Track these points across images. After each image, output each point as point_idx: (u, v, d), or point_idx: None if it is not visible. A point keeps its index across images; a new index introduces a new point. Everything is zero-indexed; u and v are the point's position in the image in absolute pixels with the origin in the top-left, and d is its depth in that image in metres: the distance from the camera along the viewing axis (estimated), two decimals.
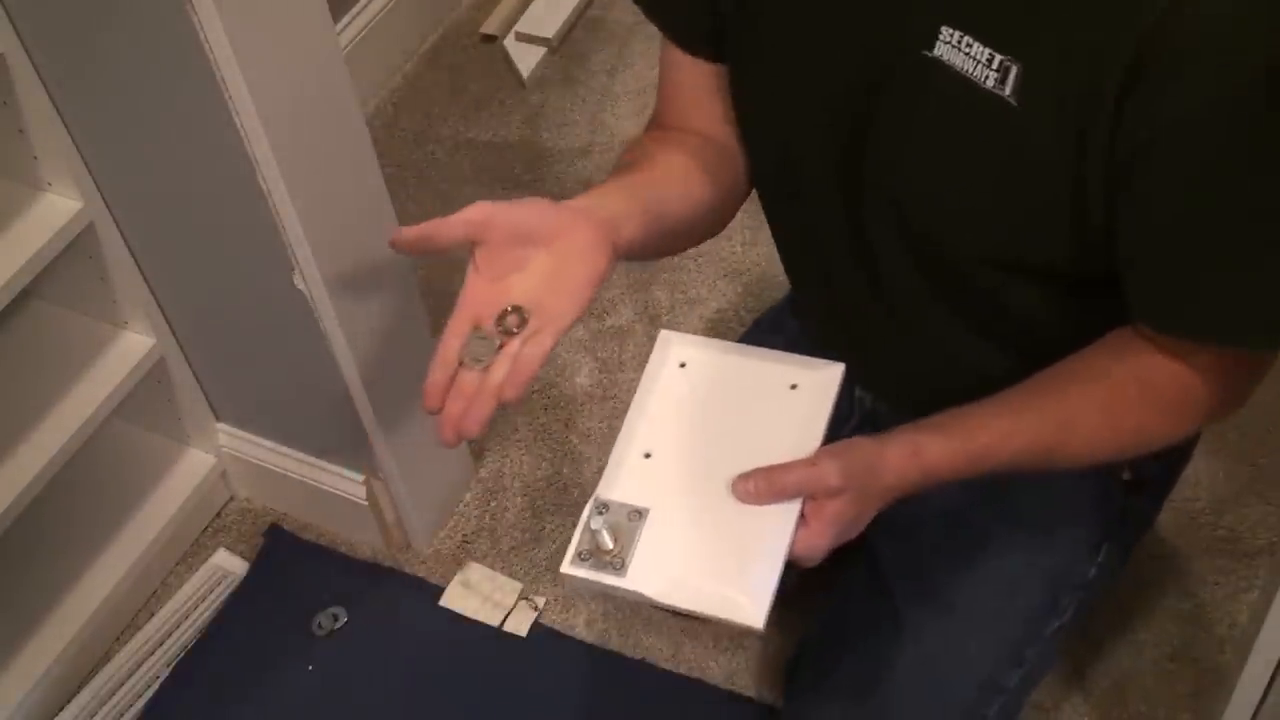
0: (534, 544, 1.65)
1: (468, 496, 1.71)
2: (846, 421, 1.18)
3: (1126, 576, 1.52)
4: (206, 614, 1.63)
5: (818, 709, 1.16)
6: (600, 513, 0.88)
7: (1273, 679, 1.11)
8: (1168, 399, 0.90)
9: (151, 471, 1.67)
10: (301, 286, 1.33)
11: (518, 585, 1.60)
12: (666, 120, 1.08)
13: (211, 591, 1.65)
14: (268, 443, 1.65)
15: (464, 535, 1.67)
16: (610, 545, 0.86)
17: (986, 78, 0.81)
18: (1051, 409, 0.90)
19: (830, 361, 0.92)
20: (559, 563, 0.88)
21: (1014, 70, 0.80)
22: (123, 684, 1.57)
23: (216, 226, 1.36)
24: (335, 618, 1.59)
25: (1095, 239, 0.85)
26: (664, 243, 0.97)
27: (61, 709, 1.54)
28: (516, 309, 0.84)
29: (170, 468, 1.68)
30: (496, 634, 1.56)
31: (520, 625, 1.56)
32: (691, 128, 1.05)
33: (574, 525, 0.88)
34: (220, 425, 1.67)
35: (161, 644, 1.61)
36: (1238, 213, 0.80)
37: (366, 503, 1.61)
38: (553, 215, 0.83)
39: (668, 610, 0.87)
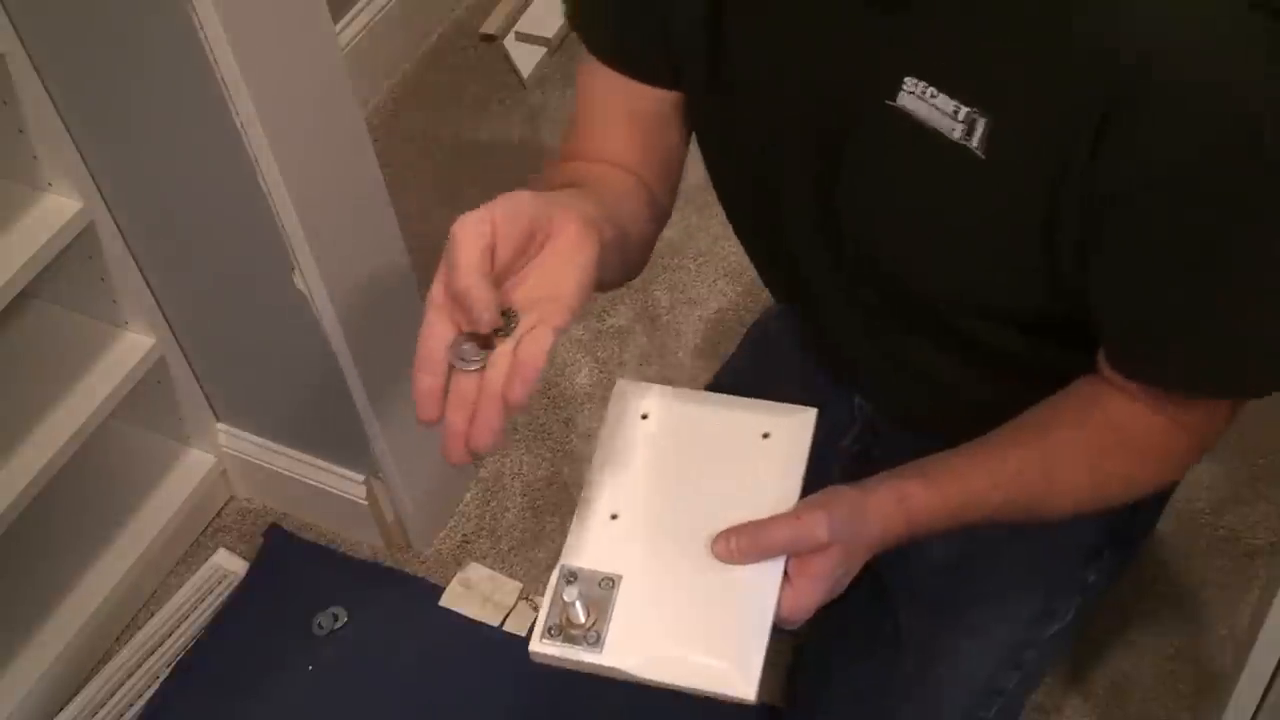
0: (534, 544, 1.65)
1: (468, 496, 1.71)
2: (848, 429, 1.18)
3: (1127, 576, 1.52)
4: (206, 614, 1.63)
5: (819, 717, 1.16)
6: (569, 582, 0.81)
7: (1273, 679, 1.11)
8: (1146, 446, 0.89)
9: (151, 471, 1.67)
10: (301, 286, 1.33)
11: (518, 585, 1.60)
12: (590, 151, 1.00)
13: (211, 591, 1.65)
14: (268, 443, 1.65)
15: (464, 535, 1.67)
16: (583, 618, 0.79)
17: (953, 129, 0.79)
18: (1035, 457, 0.88)
19: (802, 407, 0.87)
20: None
21: (981, 123, 0.78)
22: (123, 684, 1.58)
23: (216, 226, 1.36)
24: (335, 618, 1.59)
25: (1065, 287, 0.83)
26: (618, 265, 0.91)
27: (61, 709, 1.54)
28: (508, 310, 0.76)
29: (170, 468, 1.68)
30: (497, 634, 1.56)
31: (520, 625, 1.56)
32: (621, 161, 0.98)
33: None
34: (220, 425, 1.67)
35: (161, 644, 1.61)
36: (1208, 268, 0.78)
37: (366, 503, 1.61)
38: (544, 208, 0.77)
39: (650, 686, 0.80)
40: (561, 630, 0.79)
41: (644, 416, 0.88)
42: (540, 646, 0.79)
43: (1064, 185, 0.77)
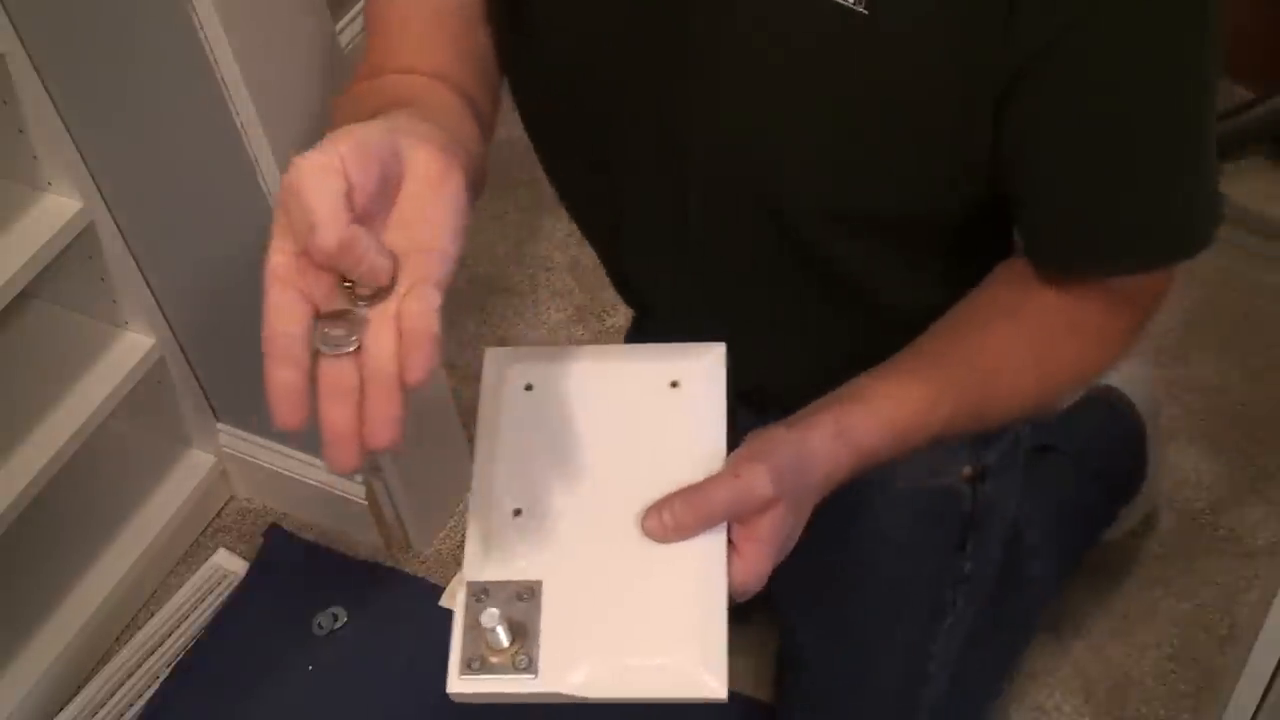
0: None
1: (468, 496, 1.71)
2: None
3: (1126, 576, 1.52)
4: (206, 614, 1.63)
5: None
6: (479, 600, 0.68)
7: (1273, 679, 1.11)
8: (1090, 327, 0.79)
9: (151, 471, 1.67)
10: None
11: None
12: (396, 63, 0.81)
13: (211, 591, 1.65)
14: (268, 443, 1.65)
15: (464, 535, 1.67)
16: (505, 642, 0.66)
17: None
18: (975, 358, 0.78)
19: (706, 344, 0.74)
20: None
21: None
22: (123, 684, 1.58)
23: (217, 226, 1.36)
24: (335, 618, 1.59)
25: (971, 177, 0.73)
26: (471, 197, 0.73)
27: (61, 709, 1.54)
28: None
29: (170, 468, 1.68)
30: None
31: None
32: (435, 70, 0.80)
33: None
34: (220, 425, 1.67)
35: (161, 644, 1.61)
36: (1155, 122, 0.69)
37: (366, 503, 1.61)
38: (391, 139, 0.60)
39: (603, 704, 0.67)
40: (483, 661, 0.66)
41: (528, 388, 0.74)
42: (460, 685, 0.66)
43: (976, 41, 0.66)
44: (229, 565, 1.67)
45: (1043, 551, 1.19)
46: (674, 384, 0.74)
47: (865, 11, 0.66)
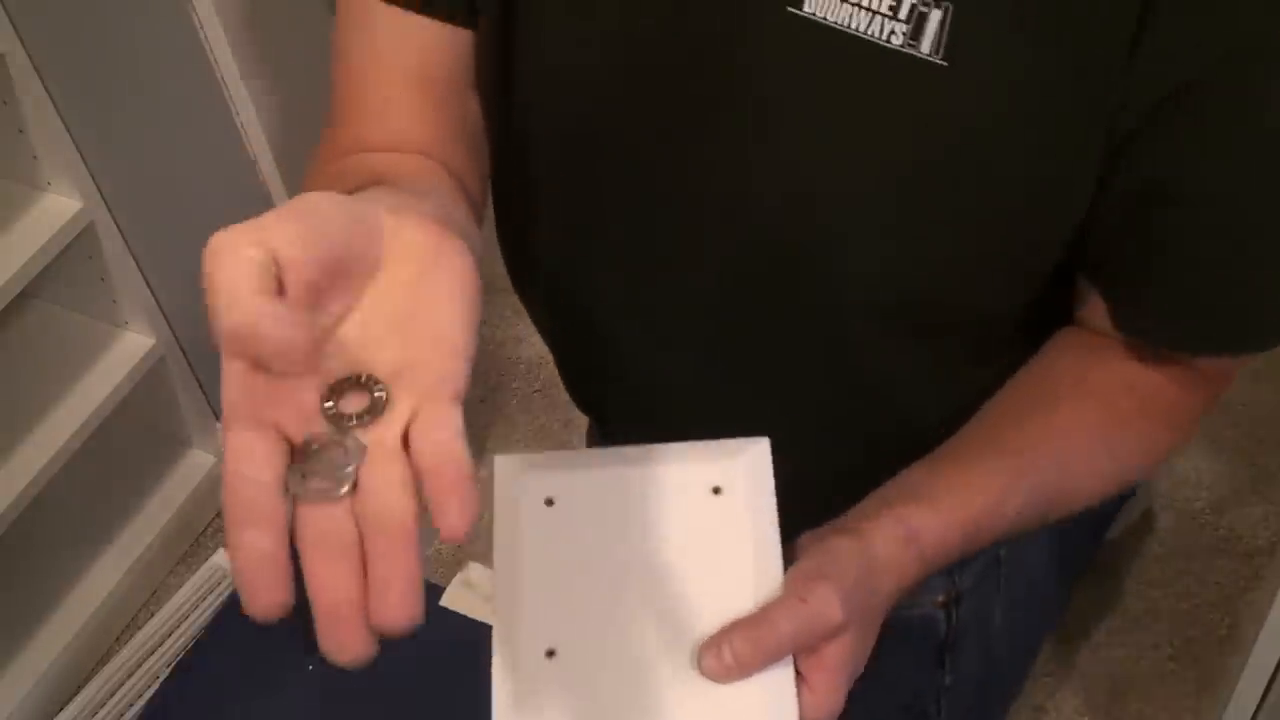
0: None
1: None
2: None
3: (1126, 576, 1.52)
4: (206, 614, 1.63)
5: None
6: None
7: (1273, 679, 1.11)
8: (1163, 407, 0.71)
9: (151, 471, 1.67)
10: None
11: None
12: (372, 137, 0.69)
13: (211, 591, 1.65)
14: None
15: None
16: None
17: (891, 33, 0.57)
18: (1043, 444, 0.69)
19: (746, 440, 0.65)
20: None
21: (933, 16, 0.56)
22: (123, 684, 1.57)
23: (217, 226, 1.36)
24: None
25: (1051, 248, 0.64)
26: None
27: (61, 709, 1.54)
28: (366, 378, 0.46)
29: (170, 468, 1.68)
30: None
31: None
32: (418, 145, 0.69)
33: None
34: (220, 425, 1.67)
35: (161, 644, 1.61)
36: None
37: None
38: (362, 214, 0.47)
39: None
40: None
41: (548, 503, 0.64)
42: None
43: (1084, 91, 0.56)
44: (229, 565, 1.67)
45: (1021, 631, 1.08)
46: (716, 490, 0.64)
47: (944, 63, 0.57)
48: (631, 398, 0.86)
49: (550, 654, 0.61)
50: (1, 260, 1.29)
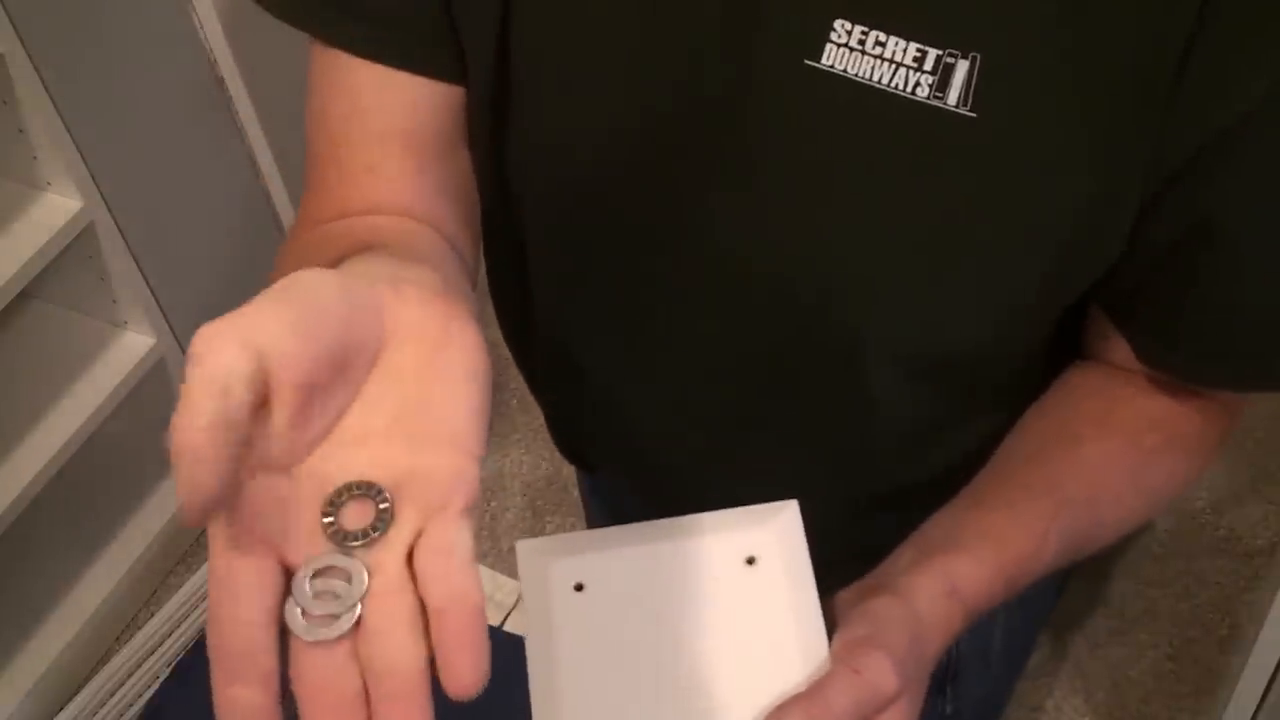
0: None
1: None
2: None
3: (1126, 576, 1.52)
4: (206, 614, 1.63)
5: None
6: None
7: (1273, 679, 1.11)
8: (1188, 437, 0.69)
9: (152, 472, 1.67)
10: None
11: (518, 585, 1.60)
12: (355, 201, 0.65)
13: None
14: None
15: None
16: None
17: (916, 85, 0.55)
18: (1071, 483, 0.66)
19: (775, 504, 0.62)
20: None
21: (961, 67, 0.54)
22: (123, 684, 1.57)
23: (216, 226, 1.36)
24: None
25: (1073, 289, 0.62)
26: None
27: (61, 709, 1.54)
28: (369, 487, 0.41)
29: (170, 468, 1.67)
30: (497, 634, 1.56)
31: (521, 625, 1.56)
32: (405, 208, 0.65)
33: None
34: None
35: (161, 644, 1.61)
36: None
37: None
38: (362, 293, 0.43)
39: None
40: None
41: (578, 588, 0.62)
42: None
43: (1122, 136, 0.54)
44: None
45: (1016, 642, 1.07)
46: (750, 560, 0.61)
47: (972, 114, 0.54)
48: (635, 458, 0.84)
49: None
50: (1, 260, 1.29)
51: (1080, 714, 1.44)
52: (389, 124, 0.64)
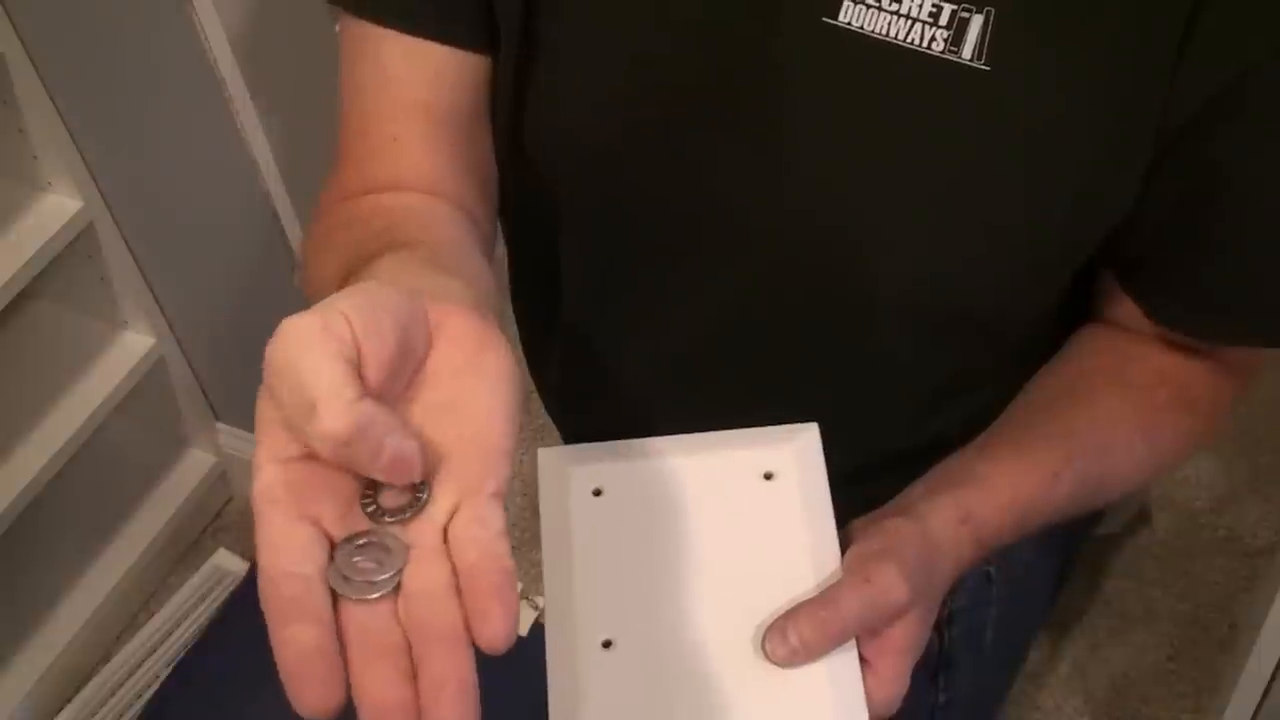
0: (534, 544, 1.64)
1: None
2: None
3: (1126, 576, 1.52)
4: (206, 614, 1.63)
5: None
6: None
7: (1273, 679, 1.11)
8: (1198, 395, 0.71)
9: (151, 471, 1.67)
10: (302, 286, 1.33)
11: (518, 585, 1.60)
12: (381, 176, 0.67)
13: (211, 591, 1.65)
14: None
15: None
16: None
17: (932, 40, 0.56)
18: (1086, 433, 0.68)
19: (795, 426, 0.63)
20: None
21: (975, 21, 0.55)
22: (123, 684, 1.57)
23: (217, 226, 1.36)
24: None
25: (1084, 248, 0.63)
26: None
27: (61, 709, 1.54)
28: None
29: (170, 468, 1.68)
30: None
31: (520, 625, 1.56)
32: (430, 184, 0.67)
33: None
34: (220, 425, 1.66)
35: (161, 644, 1.61)
36: None
37: None
38: (412, 304, 0.47)
39: None
40: None
41: (596, 493, 0.63)
42: None
43: (1132, 91, 0.56)
44: (229, 565, 1.67)
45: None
46: (768, 475, 0.62)
47: (986, 68, 0.56)
48: (642, 424, 0.84)
49: (607, 645, 0.59)
50: (1, 260, 1.29)
51: (1080, 714, 1.44)
52: (414, 95, 0.66)
